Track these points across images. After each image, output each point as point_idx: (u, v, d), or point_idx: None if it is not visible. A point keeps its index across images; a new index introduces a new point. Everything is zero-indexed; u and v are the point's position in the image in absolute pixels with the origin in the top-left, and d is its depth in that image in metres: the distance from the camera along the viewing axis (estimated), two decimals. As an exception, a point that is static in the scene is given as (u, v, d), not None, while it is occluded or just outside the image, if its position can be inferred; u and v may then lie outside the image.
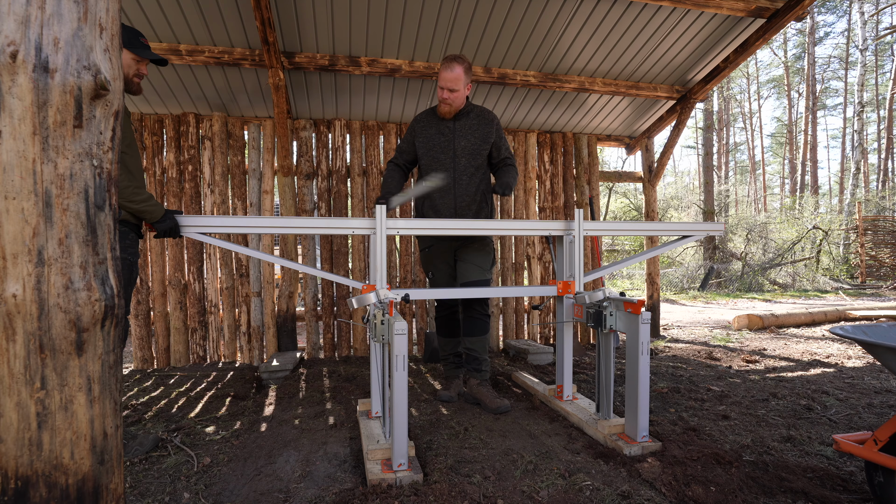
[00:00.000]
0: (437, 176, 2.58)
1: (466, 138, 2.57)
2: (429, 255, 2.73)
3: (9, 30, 0.96)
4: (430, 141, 2.59)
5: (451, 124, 2.58)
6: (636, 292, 10.90)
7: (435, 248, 2.69)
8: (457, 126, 2.58)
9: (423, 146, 2.61)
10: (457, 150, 2.57)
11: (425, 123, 2.62)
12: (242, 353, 3.76)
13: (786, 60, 27.53)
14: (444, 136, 2.58)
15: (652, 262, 4.68)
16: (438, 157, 2.58)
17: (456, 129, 2.58)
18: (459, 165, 2.57)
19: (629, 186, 17.12)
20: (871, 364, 3.50)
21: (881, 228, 11.95)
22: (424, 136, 2.61)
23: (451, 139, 2.57)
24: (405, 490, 1.60)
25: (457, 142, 2.57)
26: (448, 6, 3.07)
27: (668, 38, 3.55)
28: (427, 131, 2.61)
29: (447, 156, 2.57)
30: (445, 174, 2.56)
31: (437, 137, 2.59)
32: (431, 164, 2.59)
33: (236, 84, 3.54)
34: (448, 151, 2.57)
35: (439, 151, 2.58)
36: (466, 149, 2.57)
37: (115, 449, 1.10)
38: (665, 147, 4.50)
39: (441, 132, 2.59)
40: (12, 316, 0.97)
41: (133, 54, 2.07)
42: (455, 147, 2.57)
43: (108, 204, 1.09)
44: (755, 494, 1.60)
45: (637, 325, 1.94)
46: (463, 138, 2.57)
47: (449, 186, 2.57)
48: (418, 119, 2.65)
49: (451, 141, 2.57)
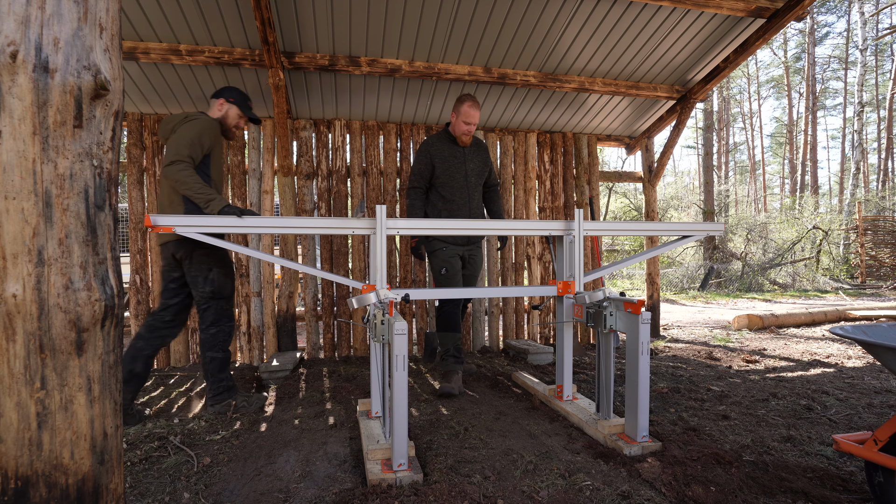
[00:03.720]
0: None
1: (474, 161, 3.03)
2: (442, 254, 2.93)
3: (9, 30, 0.96)
4: (446, 162, 2.94)
5: (461, 149, 3.00)
6: (636, 292, 10.90)
7: (448, 249, 2.95)
8: (466, 151, 3.01)
9: (440, 165, 2.94)
10: (468, 171, 3.00)
11: (439, 146, 2.96)
12: (242, 353, 3.76)
13: (786, 60, 27.54)
14: (456, 158, 2.97)
15: (652, 262, 4.68)
16: (454, 175, 2.96)
17: (466, 154, 3.01)
18: (471, 184, 3.00)
19: (629, 186, 17.12)
20: (871, 364, 3.50)
21: (881, 228, 11.95)
22: (441, 157, 2.94)
23: (462, 161, 2.99)
24: (405, 490, 1.60)
25: (467, 164, 3.00)
26: (448, 6, 3.07)
27: (668, 38, 3.55)
28: (442, 153, 2.95)
29: (461, 175, 2.97)
30: (460, 191, 2.97)
31: (451, 159, 2.96)
32: (448, 182, 2.95)
33: (236, 84, 3.53)
34: (461, 171, 2.98)
35: (454, 171, 2.96)
36: (475, 171, 3.03)
37: (115, 449, 1.10)
38: (665, 147, 4.50)
39: (454, 154, 2.97)
40: (12, 316, 0.97)
41: (241, 112, 2.63)
42: (466, 168, 2.99)
43: (108, 204, 1.09)
44: (755, 494, 1.60)
45: (637, 325, 1.94)
46: (471, 161, 3.02)
47: (465, 202, 2.98)
48: (431, 143, 2.97)
49: (462, 163, 2.98)
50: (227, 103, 2.61)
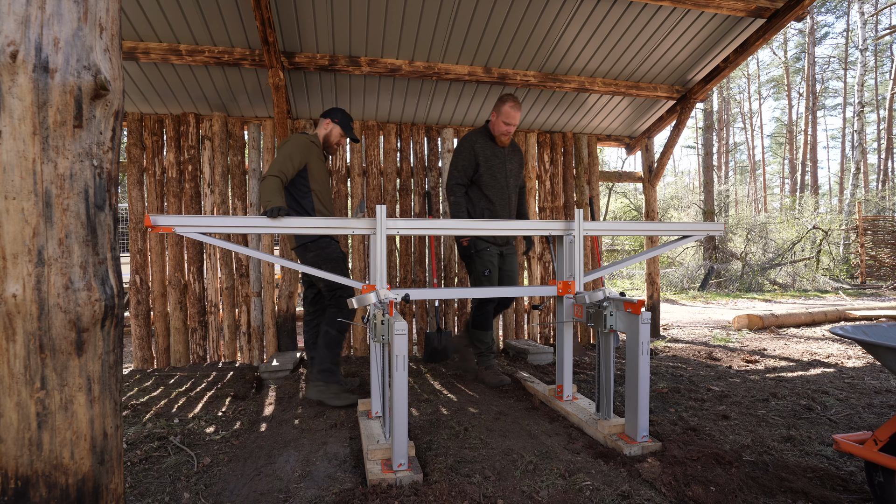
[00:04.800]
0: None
1: (512, 162, 3.09)
2: (487, 254, 2.99)
3: (9, 30, 0.96)
4: (489, 160, 2.98)
5: (501, 149, 3.03)
6: (636, 292, 10.90)
7: (492, 249, 3.01)
8: (506, 151, 3.06)
9: (484, 163, 2.97)
10: (508, 171, 3.05)
11: (482, 144, 2.99)
12: (242, 353, 3.76)
13: (785, 60, 27.53)
14: (498, 157, 3.01)
15: (652, 262, 4.68)
16: (496, 175, 2.99)
17: (505, 154, 3.05)
18: (510, 184, 3.06)
19: (629, 186, 17.12)
20: (871, 364, 3.50)
21: (881, 228, 11.94)
22: (484, 155, 2.97)
23: (503, 161, 3.03)
24: (405, 490, 1.60)
25: (507, 164, 3.05)
26: (448, 6, 3.07)
27: (668, 38, 3.55)
28: (485, 151, 2.98)
29: (502, 174, 3.02)
30: (502, 192, 3.01)
31: (494, 159, 3.00)
32: (491, 182, 2.98)
33: (236, 84, 3.54)
34: (502, 171, 3.02)
35: (496, 170, 2.99)
36: (513, 171, 3.09)
37: (115, 449, 1.10)
38: (665, 147, 4.50)
39: (496, 154, 3.01)
40: (12, 316, 0.97)
41: (342, 132, 2.89)
42: (507, 168, 3.04)
43: (108, 204, 1.09)
44: (755, 494, 1.60)
45: (637, 325, 1.94)
46: (510, 161, 3.07)
47: (506, 202, 3.04)
48: (474, 139, 2.98)
49: (503, 162, 3.03)
50: (332, 123, 2.88)
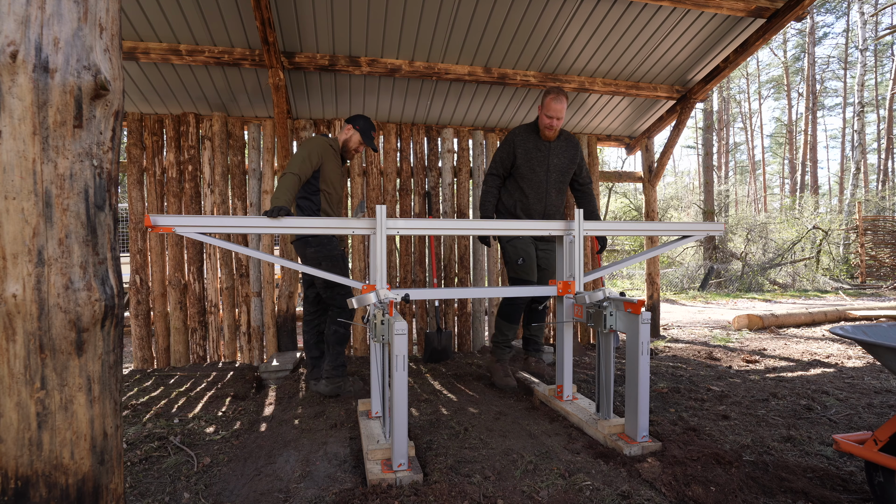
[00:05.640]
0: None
1: (559, 157, 2.95)
2: (519, 242, 2.94)
3: (9, 30, 0.96)
4: (529, 154, 2.91)
5: (546, 143, 2.93)
6: (636, 292, 10.90)
7: (522, 238, 2.95)
8: (551, 146, 2.94)
9: (522, 157, 2.91)
10: (550, 166, 2.94)
11: (524, 137, 2.92)
12: (242, 353, 3.76)
13: (785, 60, 27.53)
14: (541, 151, 2.92)
15: (652, 262, 4.68)
16: (535, 169, 2.92)
17: (551, 148, 2.94)
18: (551, 179, 2.95)
19: (629, 186, 17.11)
20: (871, 364, 3.50)
21: (881, 228, 11.94)
22: (524, 149, 2.91)
23: (546, 155, 2.93)
24: (405, 490, 1.60)
25: (551, 159, 2.94)
26: (448, 6, 3.07)
27: (668, 38, 3.55)
28: (526, 144, 2.91)
29: (542, 169, 2.93)
30: (538, 186, 2.94)
31: (535, 152, 2.92)
32: (528, 175, 2.92)
33: (236, 84, 3.53)
34: (543, 165, 2.93)
35: (536, 164, 2.92)
36: (558, 167, 2.96)
37: (115, 449, 1.10)
38: (665, 147, 4.50)
39: (538, 148, 2.92)
40: (12, 316, 0.97)
41: (361, 139, 2.91)
42: (549, 163, 2.94)
43: (108, 204, 1.09)
44: (755, 494, 1.60)
45: (637, 325, 1.94)
46: (556, 157, 2.94)
47: (540, 197, 2.96)
48: (517, 133, 2.94)
49: (546, 157, 2.93)
50: (353, 129, 2.92)
